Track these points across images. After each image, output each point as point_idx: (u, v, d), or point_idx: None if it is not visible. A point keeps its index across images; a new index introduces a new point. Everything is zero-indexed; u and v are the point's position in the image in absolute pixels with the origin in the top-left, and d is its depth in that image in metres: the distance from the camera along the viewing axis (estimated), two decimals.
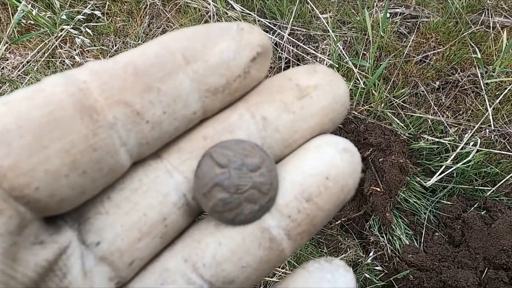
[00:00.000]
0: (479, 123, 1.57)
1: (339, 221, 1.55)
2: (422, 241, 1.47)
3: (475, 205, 1.48)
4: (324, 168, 0.24)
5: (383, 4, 1.75)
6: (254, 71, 0.25)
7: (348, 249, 1.46)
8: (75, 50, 1.89)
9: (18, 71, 1.88)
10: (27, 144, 0.19)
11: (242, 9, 1.76)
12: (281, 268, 1.41)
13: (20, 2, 1.73)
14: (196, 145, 0.25)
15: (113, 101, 0.21)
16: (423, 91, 1.65)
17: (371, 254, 1.44)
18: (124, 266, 0.23)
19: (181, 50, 0.22)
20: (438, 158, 1.56)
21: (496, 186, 1.50)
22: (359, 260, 1.44)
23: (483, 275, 1.32)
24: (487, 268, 1.32)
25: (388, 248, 1.45)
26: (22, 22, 1.93)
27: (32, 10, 1.78)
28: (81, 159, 0.20)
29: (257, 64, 0.25)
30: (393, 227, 1.46)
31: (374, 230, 1.48)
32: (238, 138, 0.25)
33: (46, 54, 1.88)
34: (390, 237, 1.47)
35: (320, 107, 0.25)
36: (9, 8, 1.93)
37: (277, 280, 1.39)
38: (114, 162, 0.21)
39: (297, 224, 0.24)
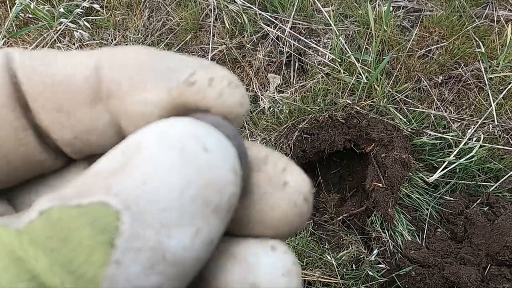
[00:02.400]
0: (483, 118, 1.55)
1: (341, 217, 1.55)
2: (425, 237, 1.46)
3: (478, 201, 1.47)
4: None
5: None
6: None
7: (350, 245, 1.46)
8: (74, 44, 1.87)
9: None
10: None
11: (243, 2, 1.74)
12: None
13: None
14: None
15: (34, 105, 0.19)
16: (426, 86, 1.63)
17: (374, 252, 1.43)
18: None
19: (109, 81, 0.19)
20: (440, 154, 1.55)
21: (499, 182, 1.49)
22: (361, 256, 1.43)
23: (486, 272, 1.31)
24: (490, 265, 1.32)
25: (390, 244, 1.45)
26: (21, 16, 1.90)
27: (30, 4, 1.76)
28: (7, 149, 0.19)
29: None
30: (395, 223, 1.45)
31: (376, 226, 1.48)
32: None
33: (45, 48, 1.86)
34: (392, 233, 1.46)
35: (236, 223, 0.20)
36: (7, 2, 1.91)
37: None
38: (43, 158, 0.20)
39: None
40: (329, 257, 1.40)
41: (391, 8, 1.74)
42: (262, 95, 1.69)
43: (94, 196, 0.15)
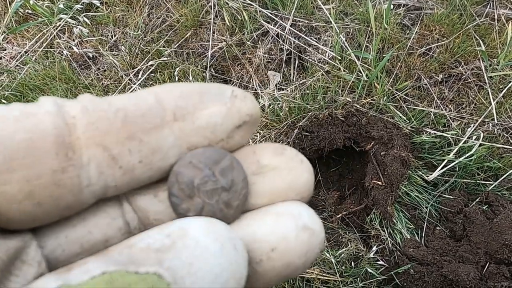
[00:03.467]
0: (482, 117, 1.55)
1: (340, 215, 1.55)
2: (424, 235, 1.46)
3: (477, 200, 1.48)
4: (274, 239, 0.24)
5: None
6: (237, 136, 0.26)
7: (349, 243, 1.46)
8: (73, 40, 1.86)
9: (16, 61, 1.86)
10: (0, 163, 0.19)
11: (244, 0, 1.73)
12: None
13: None
14: (151, 188, 0.25)
15: (93, 142, 0.21)
16: (426, 84, 1.63)
17: (373, 249, 1.43)
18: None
19: (173, 107, 0.23)
20: (440, 152, 1.55)
21: (499, 181, 1.49)
22: (360, 254, 1.44)
23: (485, 270, 1.31)
24: (488, 263, 1.32)
25: (389, 242, 1.45)
26: (20, 12, 1.90)
27: None
28: (40, 192, 0.20)
29: (242, 131, 0.26)
30: (394, 221, 1.45)
31: (375, 224, 1.48)
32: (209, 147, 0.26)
33: (44, 44, 1.85)
34: (391, 231, 1.46)
35: (270, 189, 0.26)
36: None
37: None
38: (74, 199, 0.22)
39: None
40: (328, 255, 1.40)
41: (392, 6, 1.73)
42: (262, 92, 1.68)
43: (149, 267, 0.19)
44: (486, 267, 1.32)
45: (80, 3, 1.84)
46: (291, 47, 1.72)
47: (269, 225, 0.24)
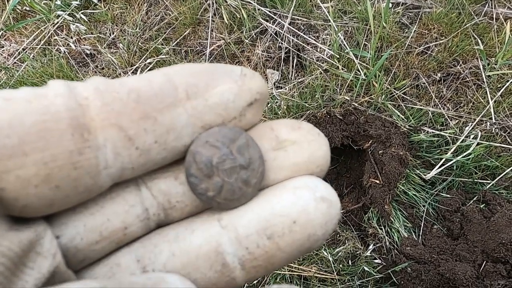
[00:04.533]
0: (480, 116, 1.56)
1: None
2: (421, 233, 1.47)
3: (475, 198, 1.48)
4: (295, 212, 0.24)
5: None
6: (249, 115, 0.26)
7: (346, 241, 1.46)
8: (71, 37, 1.86)
9: (14, 58, 1.85)
10: (10, 146, 0.19)
11: None
12: None
13: None
14: (170, 170, 0.25)
15: (108, 123, 0.21)
16: (424, 83, 1.63)
17: (370, 247, 1.44)
18: (76, 262, 0.23)
19: (185, 85, 0.23)
20: (438, 151, 1.55)
21: (496, 180, 1.49)
22: (357, 252, 1.44)
23: (481, 268, 1.32)
24: (485, 261, 1.32)
25: (387, 240, 1.45)
26: (18, 9, 1.89)
27: None
28: (57, 174, 0.20)
29: (253, 109, 0.26)
30: (392, 219, 1.46)
31: (372, 222, 1.48)
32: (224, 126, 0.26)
33: (42, 42, 1.85)
34: (389, 230, 1.46)
35: (293, 163, 0.26)
36: None
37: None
38: (92, 182, 0.21)
39: (253, 258, 0.24)
40: (325, 253, 1.41)
41: (390, 4, 1.73)
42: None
43: None
44: (483, 265, 1.32)
45: (78, 0, 1.84)
46: (290, 46, 1.72)
47: (288, 199, 0.24)
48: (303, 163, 0.26)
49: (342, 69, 1.61)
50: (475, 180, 1.53)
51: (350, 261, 1.43)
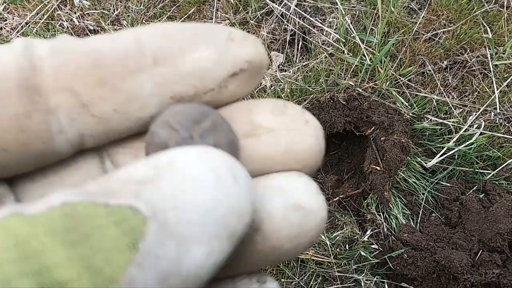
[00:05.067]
0: (485, 106, 1.54)
1: (337, 198, 1.56)
2: (419, 221, 1.48)
3: (474, 188, 1.48)
4: (257, 219, 0.20)
5: None
6: (232, 87, 0.22)
7: (344, 226, 1.47)
8: (75, 13, 1.83)
9: (17, 32, 1.84)
10: None
11: None
12: None
13: None
14: (138, 144, 0.23)
15: (61, 86, 0.19)
16: (430, 71, 1.61)
17: (368, 232, 1.45)
18: None
19: (154, 49, 0.20)
20: (440, 139, 1.54)
21: (497, 170, 1.49)
22: (355, 237, 1.45)
23: (477, 257, 1.33)
24: (481, 250, 1.34)
25: (385, 226, 1.46)
26: None
27: None
28: (3, 136, 0.19)
29: (238, 80, 0.22)
30: (391, 206, 1.46)
31: (371, 208, 1.49)
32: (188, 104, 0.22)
33: (45, 16, 1.83)
34: (387, 216, 1.47)
35: (264, 156, 0.22)
36: None
37: None
38: (46, 147, 0.20)
39: None
40: (323, 237, 1.42)
41: None
42: (264, 73, 1.67)
43: (123, 199, 0.16)
44: (478, 254, 1.33)
45: None
46: (295, 28, 1.70)
47: None
48: (278, 156, 0.21)
49: (348, 53, 1.59)
50: (476, 170, 1.53)
51: (347, 245, 1.44)
